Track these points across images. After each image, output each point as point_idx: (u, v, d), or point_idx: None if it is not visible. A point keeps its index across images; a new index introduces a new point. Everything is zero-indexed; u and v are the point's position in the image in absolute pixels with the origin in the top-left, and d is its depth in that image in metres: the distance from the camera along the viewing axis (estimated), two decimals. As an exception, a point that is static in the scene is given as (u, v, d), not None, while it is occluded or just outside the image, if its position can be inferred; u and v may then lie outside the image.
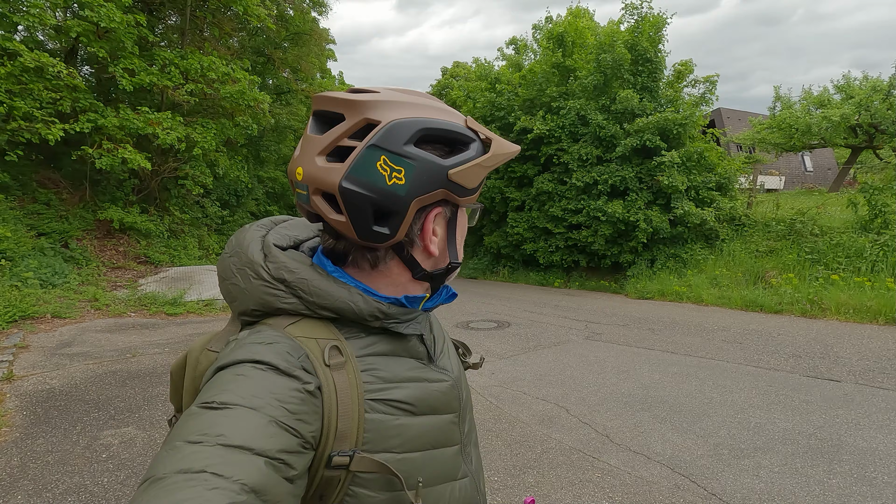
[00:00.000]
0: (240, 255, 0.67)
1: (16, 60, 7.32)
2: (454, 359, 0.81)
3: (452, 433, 0.71)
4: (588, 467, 3.08)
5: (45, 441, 3.30)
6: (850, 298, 7.29)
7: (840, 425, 3.55)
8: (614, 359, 5.53)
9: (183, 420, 0.51)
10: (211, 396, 0.52)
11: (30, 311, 5.87)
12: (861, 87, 19.62)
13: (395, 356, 0.68)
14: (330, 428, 0.58)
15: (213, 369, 0.58)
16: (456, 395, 0.73)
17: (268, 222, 0.75)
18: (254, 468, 0.47)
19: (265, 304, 0.65)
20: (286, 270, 0.65)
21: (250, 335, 0.62)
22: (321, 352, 0.61)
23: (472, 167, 0.64)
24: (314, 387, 0.58)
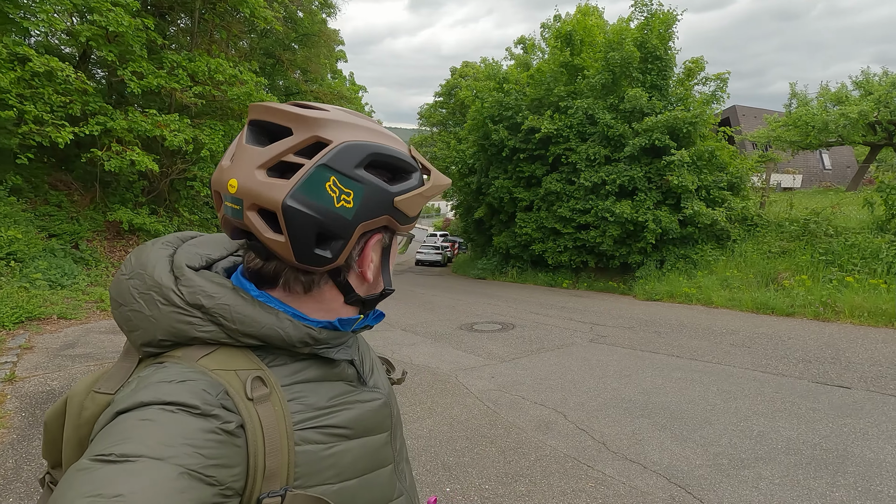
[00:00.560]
0: (143, 277, 0.59)
1: (26, 65, 7.44)
2: (382, 376, 0.78)
3: (386, 453, 0.68)
4: (582, 476, 3.01)
5: (40, 443, 3.32)
6: (865, 301, 7.09)
7: (847, 435, 3.43)
8: (617, 363, 5.43)
9: (70, 477, 0.43)
10: (108, 447, 0.45)
11: (36, 312, 5.96)
12: (881, 82, 19.11)
13: (325, 381, 0.64)
14: (257, 468, 0.52)
15: (111, 413, 0.50)
16: (388, 412, 0.70)
17: (174, 239, 0.67)
18: None
19: (177, 332, 0.58)
20: (203, 295, 0.58)
21: (157, 372, 0.55)
22: (242, 385, 0.55)
23: (415, 196, 0.63)
24: (235, 426, 0.52)
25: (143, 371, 0.56)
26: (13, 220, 7.84)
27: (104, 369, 0.62)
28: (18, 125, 7.80)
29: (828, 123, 18.02)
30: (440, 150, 24.89)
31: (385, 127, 0.65)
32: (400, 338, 6.77)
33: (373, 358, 0.80)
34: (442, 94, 28.38)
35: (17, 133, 7.84)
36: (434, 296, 11.51)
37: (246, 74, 10.67)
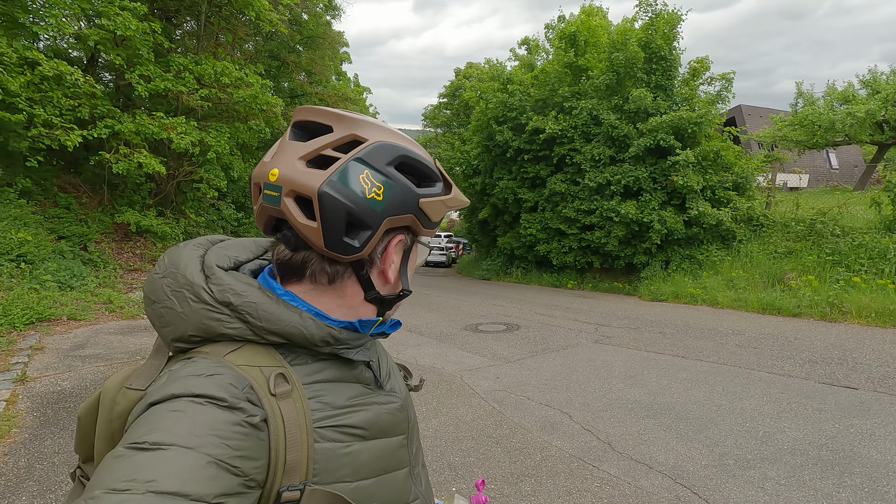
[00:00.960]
0: (175, 275, 0.63)
1: (36, 69, 7.54)
2: (399, 380, 0.79)
3: (402, 456, 0.70)
4: (587, 476, 3.02)
5: (52, 442, 3.37)
6: (873, 301, 7.05)
7: (854, 435, 3.43)
8: (622, 363, 5.43)
9: (106, 464, 0.46)
10: (141, 436, 0.48)
11: (46, 313, 6.03)
12: (888, 81, 18.99)
13: (343, 382, 0.66)
14: (278, 462, 0.55)
15: (143, 405, 0.53)
16: (405, 416, 0.72)
17: (204, 241, 0.71)
18: None
19: (206, 329, 0.61)
20: (232, 293, 0.61)
21: (185, 366, 0.57)
22: (266, 381, 0.58)
23: (438, 202, 0.67)
24: (259, 419, 0.54)
25: (173, 366, 0.59)
26: (23, 222, 7.94)
27: (135, 367, 0.65)
28: (28, 128, 7.90)
29: (834, 123, 17.92)
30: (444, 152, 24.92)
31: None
32: (405, 338, 6.79)
33: (390, 363, 0.81)
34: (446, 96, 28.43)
35: (26, 136, 7.94)
36: (439, 296, 11.53)
37: (252, 77, 10.74)
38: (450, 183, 0.70)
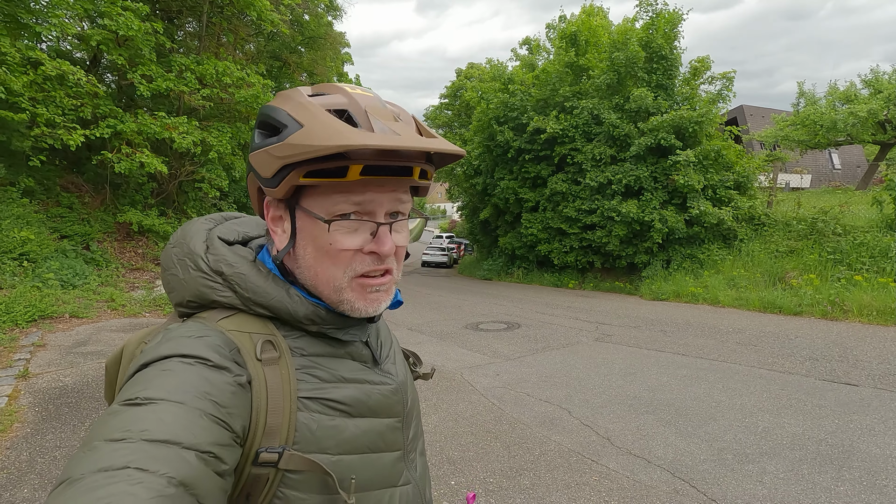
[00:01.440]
0: (182, 245, 0.67)
1: (39, 69, 7.58)
2: (400, 365, 0.78)
3: (394, 438, 0.69)
4: (586, 470, 3.03)
5: (53, 437, 3.39)
6: (874, 300, 7.03)
7: (853, 431, 3.42)
8: (622, 361, 5.43)
9: (102, 418, 0.48)
10: (134, 393, 0.50)
11: (49, 311, 6.06)
12: (890, 81, 18.94)
13: (335, 357, 0.67)
14: (258, 423, 0.56)
15: (136, 365, 0.55)
16: (399, 399, 0.71)
17: (218, 217, 0.75)
18: (182, 462, 0.45)
19: (201, 295, 0.64)
20: (225, 263, 0.65)
21: (179, 328, 0.60)
22: (253, 346, 0.60)
23: (262, 153, 0.61)
24: (245, 380, 0.57)
25: (169, 325, 0.63)
26: (26, 221, 7.98)
27: (155, 326, 0.69)
28: (31, 128, 7.94)
29: (836, 122, 17.89)
30: (446, 152, 24.88)
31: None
32: (406, 336, 6.80)
33: (393, 345, 0.81)
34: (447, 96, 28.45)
35: (29, 136, 7.98)
36: (440, 296, 11.54)
37: (253, 77, 10.77)
38: (301, 125, 0.58)
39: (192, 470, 0.45)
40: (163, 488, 0.42)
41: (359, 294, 0.64)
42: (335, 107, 0.59)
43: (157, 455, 0.44)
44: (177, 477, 0.44)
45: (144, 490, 0.41)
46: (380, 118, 0.59)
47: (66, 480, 0.42)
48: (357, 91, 0.62)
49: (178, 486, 0.43)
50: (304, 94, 0.61)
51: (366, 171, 0.57)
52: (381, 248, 0.62)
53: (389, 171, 0.59)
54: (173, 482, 0.43)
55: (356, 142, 0.54)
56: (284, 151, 0.57)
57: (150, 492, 0.41)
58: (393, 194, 0.62)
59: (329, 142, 0.55)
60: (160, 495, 0.41)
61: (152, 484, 0.42)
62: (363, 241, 0.62)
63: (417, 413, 0.79)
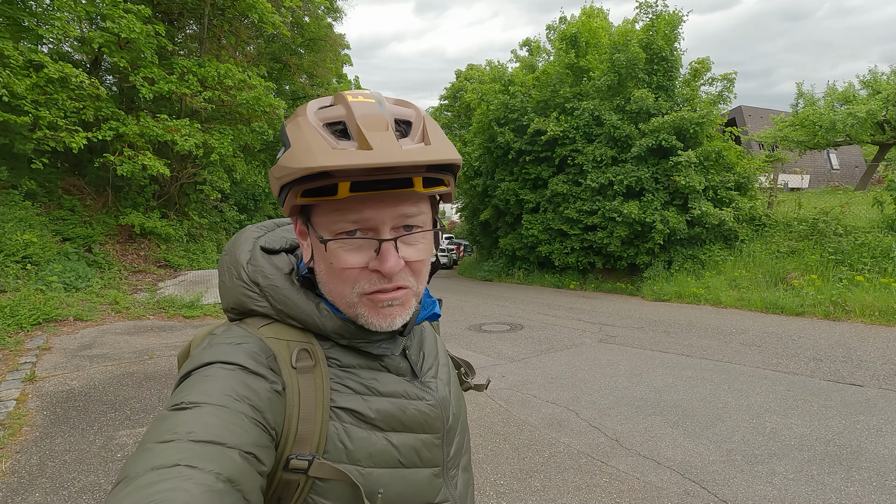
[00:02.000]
0: (231, 253, 0.70)
1: (41, 72, 7.58)
2: (444, 378, 0.76)
3: (431, 455, 0.68)
4: (596, 472, 3.04)
5: (63, 440, 3.40)
6: (876, 300, 7.06)
7: (860, 431, 3.44)
8: (627, 362, 5.45)
9: (153, 424, 0.51)
10: (180, 398, 0.53)
11: (53, 314, 6.05)
12: (889, 81, 19.01)
13: (370, 369, 0.67)
14: (290, 430, 0.58)
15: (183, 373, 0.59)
16: (439, 415, 0.70)
17: (270, 224, 0.76)
18: (228, 460, 0.48)
19: (241, 304, 0.67)
20: (261, 275, 0.66)
21: (222, 334, 0.63)
22: (290, 354, 0.62)
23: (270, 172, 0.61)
24: (279, 387, 0.58)
25: (216, 330, 0.66)
26: (28, 224, 7.97)
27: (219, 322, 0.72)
28: (33, 130, 7.94)
29: (835, 123, 17.95)
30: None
31: None
32: (410, 338, 6.80)
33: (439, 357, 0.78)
34: (447, 97, 28.48)
35: (32, 138, 7.98)
36: (441, 297, 11.53)
37: (254, 79, 10.78)
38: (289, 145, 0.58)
39: (236, 468, 0.48)
40: (212, 483, 0.45)
41: (371, 309, 0.62)
42: (333, 119, 0.58)
43: (204, 454, 0.47)
44: (223, 473, 0.46)
45: (195, 485, 0.44)
46: (371, 129, 0.56)
47: (123, 479, 0.45)
48: (359, 99, 0.60)
49: (226, 482, 0.46)
50: (308, 110, 0.60)
51: (355, 187, 0.55)
52: (384, 265, 0.59)
53: (384, 185, 0.56)
54: (220, 478, 0.46)
55: (320, 163, 0.53)
56: (278, 172, 0.58)
57: (201, 487, 0.44)
58: (396, 209, 0.59)
59: (299, 164, 0.54)
60: (210, 490, 0.44)
61: (201, 479, 0.44)
62: (367, 259, 0.60)
63: (463, 428, 0.77)
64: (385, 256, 0.59)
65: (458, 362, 0.87)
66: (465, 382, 0.87)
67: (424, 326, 0.80)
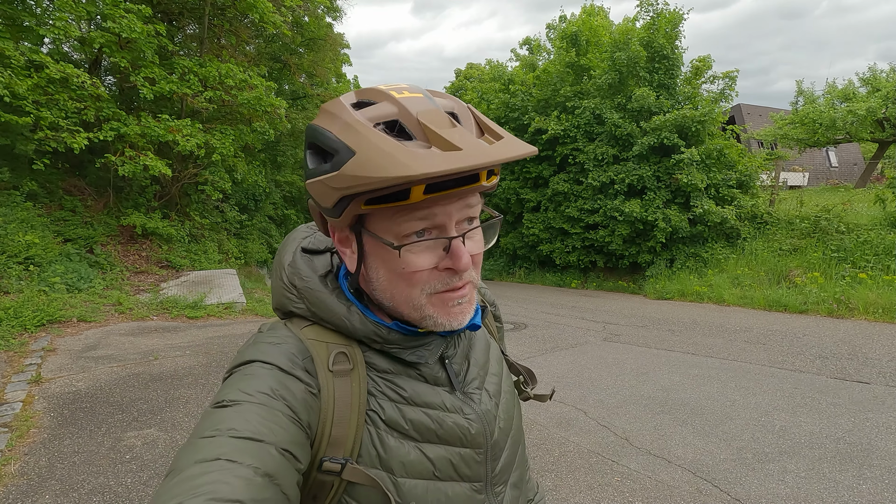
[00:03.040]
0: (279, 254, 0.71)
1: (42, 72, 7.54)
2: (492, 389, 0.72)
3: (471, 469, 0.66)
4: (607, 471, 3.03)
5: (71, 442, 3.38)
6: (879, 297, 7.06)
7: (870, 429, 3.44)
8: (633, 360, 5.44)
9: (199, 421, 0.54)
10: (222, 396, 0.55)
11: (57, 315, 6.03)
12: (888, 79, 19.03)
13: (409, 377, 0.65)
14: (324, 432, 0.58)
15: (228, 370, 0.61)
16: (480, 430, 0.67)
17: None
18: (266, 455, 0.49)
19: (281, 304, 0.68)
20: (298, 277, 0.67)
21: (267, 332, 0.65)
22: (328, 356, 0.62)
23: (317, 183, 0.57)
24: (314, 389, 0.59)
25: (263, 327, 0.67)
26: (30, 225, 7.94)
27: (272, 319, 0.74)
28: (34, 131, 7.90)
29: (835, 121, 17.96)
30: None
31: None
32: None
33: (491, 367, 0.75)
34: (447, 97, 28.41)
35: (33, 139, 7.95)
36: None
37: (255, 79, 10.75)
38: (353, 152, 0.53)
39: (275, 463, 0.49)
40: (252, 476, 0.47)
41: (440, 309, 0.61)
42: (384, 119, 0.55)
43: (244, 449, 0.49)
44: (262, 468, 0.48)
45: (236, 478, 0.46)
46: (440, 127, 0.53)
47: (171, 472, 0.47)
48: (405, 94, 0.57)
49: (264, 476, 0.48)
50: (348, 110, 0.56)
51: (429, 189, 0.53)
52: (458, 263, 0.58)
53: (455, 182, 0.54)
54: (259, 472, 0.47)
55: (417, 171, 0.49)
56: (340, 183, 0.53)
57: (241, 479, 0.46)
58: (461, 203, 0.58)
59: (386, 173, 0.50)
60: (250, 482, 0.46)
61: (242, 472, 0.46)
62: (437, 258, 0.59)
63: (515, 442, 0.74)
64: (458, 254, 0.58)
65: (518, 369, 0.83)
66: (524, 392, 0.84)
67: (475, 333, 0.76)
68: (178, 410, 3.95)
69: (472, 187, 0.57)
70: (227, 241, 13.65)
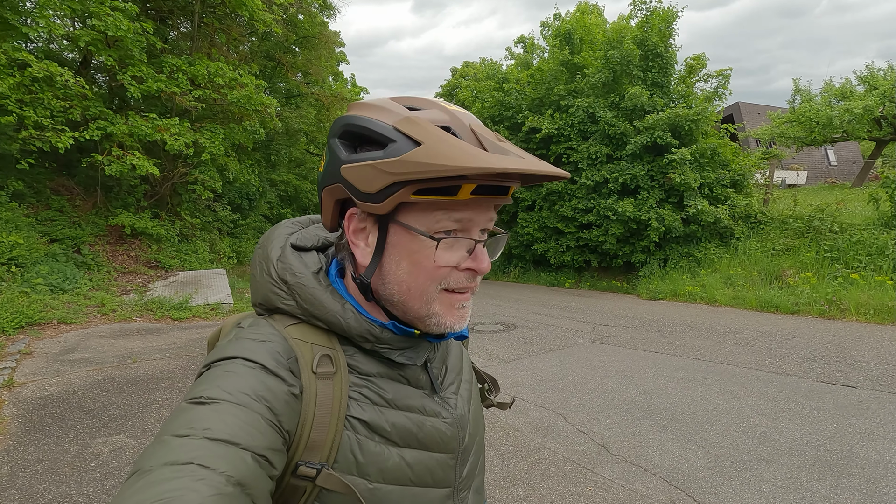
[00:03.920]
0: (263, 248, 0.69)
1: (26, 70, 7.46)
2: (465, 395, 0.74)
3: (444, 474, 0.67)
4: (581, 479, 2.96)
5: (36, 449, 3.31)
6: (871, 298, 7.00)
7: (852, 435, 3.37)
8: (619, 363, 5.38)
9: (172, 415, 0.51)
10: (199, 392, 0.52)
11: (36, 317, 5.95)
12: (886, 77, 18.93)
13: (392, 380, 0.65)
14: (302, 435, 0.57)
15: (205, 363, 0.59)
16: (455, 434, 0.68)
17: (305, 220, 0.76)
18: (240, 462, 0.47)
19: (267, 300, 0.66)
20: (289, 272, 0.65)
21: (248, 329, 0.63)
22: (312, 358, 0.60)
23: (366, 166, 0.57)
24: (297, 390, 0.58)
25: (244, 322, 0.66)
26: (14, 225, 7.87)
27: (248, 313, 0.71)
28: (19, 130, 7.82)
29: (832, 119, 17.86)
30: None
31: None
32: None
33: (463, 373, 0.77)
34: (443, 95, 28.37)
35: (17, 138, 7.87)
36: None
37: (245, 77, 10.66)
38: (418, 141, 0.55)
39: (248, 470, 0.47)
40: (222, 486, 0.44)
41: (447, 308, 0.62)
42: (439, 123, 0.57)
43: (218, 453, 0.46)
44: (235, 476, 0.46)
45: (206, 486, 0.43)
46: (487, 136, 0.57)
47: (137, 471, 0.44)
48: (453, 107, 0.61)
49: (236, 485, 0.45)
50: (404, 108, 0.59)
51: (477, 190, 0.56)
52: (480, 265, 0.61)
53: (495, 190, 0.59)
54: (232, 481, 0.45)
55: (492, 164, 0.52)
56: (400, 168, 0.54)
57: (211, 489, 0.43)
58: (489, 212, 0.62)
59: (460, 162, 0.52)
60: (220, 493, 0.43)
61: (213, 481, 0.44)
62: (460, 258, 0.61)
63: (479, 448, 0.76)
64: (481, 257, 0.62)
65: (483, 377, 0.86)
66: (487, 399, 0.86)
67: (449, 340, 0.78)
68: (151, 416, 3.88)
69: (500, 198, 0.61)
70: (219, 241, 13.58)
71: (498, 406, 0.86)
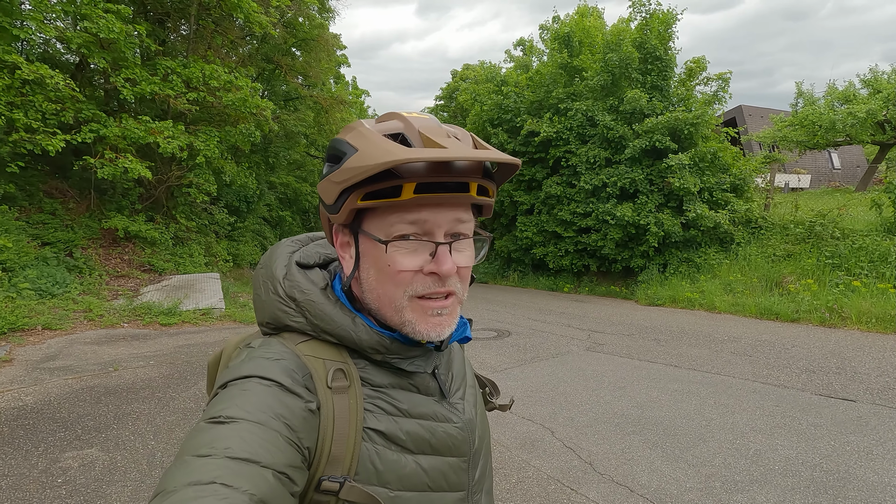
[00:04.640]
0: (267, 267, 0.70)
1: (16, 73, 7.39)
2: (471, 400, 0.76)
3: (458, 478, 0.68)
4: (564, 501, 2.84)
5: (2, 464, 3.20)
6: (873, 306, 6.84)
7: (850, 454, 3.23)
8: (612, 373, 5.24)
9: (190, 435, 0.52)
10: (218, 411, 0.53)
11: (20, 322, 5.85)
12: (889, 80, 18.74)
13: (403, 389, 0.67)
14: (323, 450, 0.57)
15: (221, 382, 0.59)
16: (466, 438, 0.70)
17: (304, 238, 0.77)
18: (262, 480, 0.47)
19: (276, 318, 0.66)
20: (298, 290, 0.66)
21: (260, 348, 0.63)
22: (326, 373, 0.61)
23: (325, 181, 0.62)
24: (314, 406, 0.58)
25: (254, 342, 0.66)
26: (4, 228, 7.78)
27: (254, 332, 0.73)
28: (9, 133, 7.75)
29: (835, 123, 17.66)
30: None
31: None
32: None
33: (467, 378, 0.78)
34: (443, 98, 28.28)
35: (7, 141, 7.79)
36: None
37: (241, 80, 10.59)
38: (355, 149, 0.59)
39: (270, 488, 0.48)
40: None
41: (419, 316, 0.62)
42: (391, 131, 0.60)
43: (240, 472, 0.47)
44: (257, 494, 0.46)
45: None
46: (436, 136, 0.58)
47: (161, 492, 0.45)
48: (413, 115, 0.63)
49: (259, 503, 0.46)
50: (364, 124, 0.62)
51: (419, 188, 0.57)
52: (441, 267, 0.60)
53: (444, 188, 0.59)
54: (254, 499, 0.46)
55: (401, 156, 0.54)
56: (342, 176, 0.59)
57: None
58: (451, 213, 0.61)
59: (378, 160, 0.55)
60: None
61: (236, 500, 0.44)
62: (422, 262, 0.61)
63: (487, 451, 0.78)
64: (442, 259, 0.61)
65: (484, 381, 0.87)
66: (489, 402, 0.87)
67: (452, 346, 0.80)
68: (126, 428, 3.77)
69: (461, 196, 0.60)
70: (215, 244, 13.50)
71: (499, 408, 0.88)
